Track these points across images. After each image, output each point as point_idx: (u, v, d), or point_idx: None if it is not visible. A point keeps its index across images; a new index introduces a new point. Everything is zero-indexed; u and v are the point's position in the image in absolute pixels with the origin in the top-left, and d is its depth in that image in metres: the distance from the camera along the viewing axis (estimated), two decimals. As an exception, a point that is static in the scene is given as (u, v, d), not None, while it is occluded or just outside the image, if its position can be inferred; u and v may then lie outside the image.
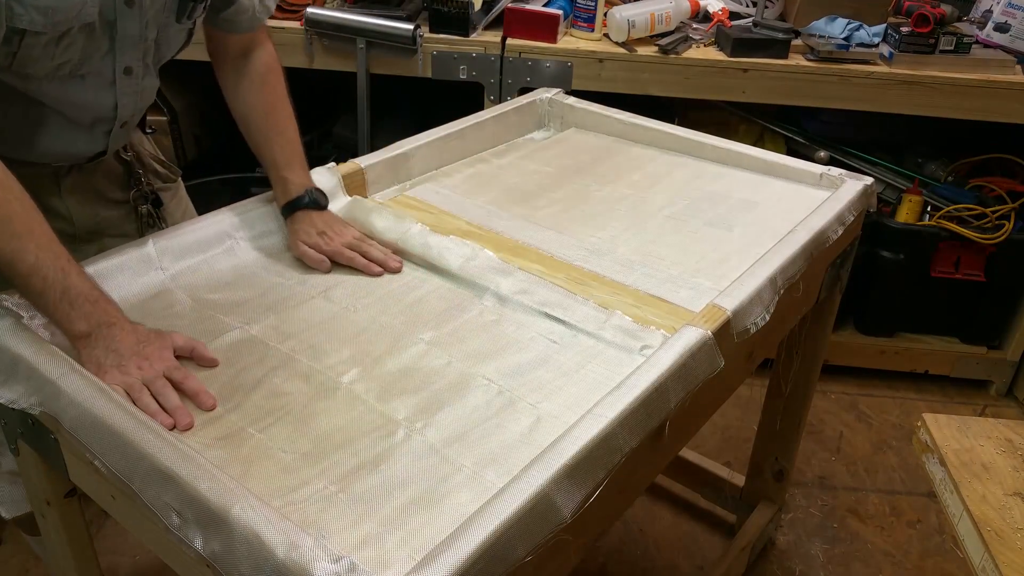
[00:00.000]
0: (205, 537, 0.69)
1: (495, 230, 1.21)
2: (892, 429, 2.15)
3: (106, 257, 1.01)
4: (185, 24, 1.04)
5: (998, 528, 0.96)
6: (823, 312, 1.44)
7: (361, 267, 1.09)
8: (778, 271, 1.06)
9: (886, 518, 1.88)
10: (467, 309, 1.04)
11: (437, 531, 0.71)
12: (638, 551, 1.76)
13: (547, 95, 1.60)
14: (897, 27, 1.87)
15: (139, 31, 0.98)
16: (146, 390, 0.84)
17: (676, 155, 1.49)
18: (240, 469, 0.77)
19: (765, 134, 2.12)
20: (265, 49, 1.17)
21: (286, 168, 1.12)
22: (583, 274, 1.11)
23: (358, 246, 1.11)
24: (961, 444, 1.09)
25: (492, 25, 1.90)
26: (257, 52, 1.16)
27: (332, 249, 1.09)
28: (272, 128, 1.13)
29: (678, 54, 1.85)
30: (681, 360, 0.88)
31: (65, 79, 0.96)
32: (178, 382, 0.86)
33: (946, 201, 2.07)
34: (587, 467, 0.75)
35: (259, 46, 1.17)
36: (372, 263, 1.09)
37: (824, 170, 1.36)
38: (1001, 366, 2.26)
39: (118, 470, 0.76)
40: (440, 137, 1.40)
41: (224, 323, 0.98)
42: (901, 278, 2.15)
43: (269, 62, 1.16)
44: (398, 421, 0.84)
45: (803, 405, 1.58)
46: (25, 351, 0.85)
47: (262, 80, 1.15)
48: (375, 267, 1.09)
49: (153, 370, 0.85)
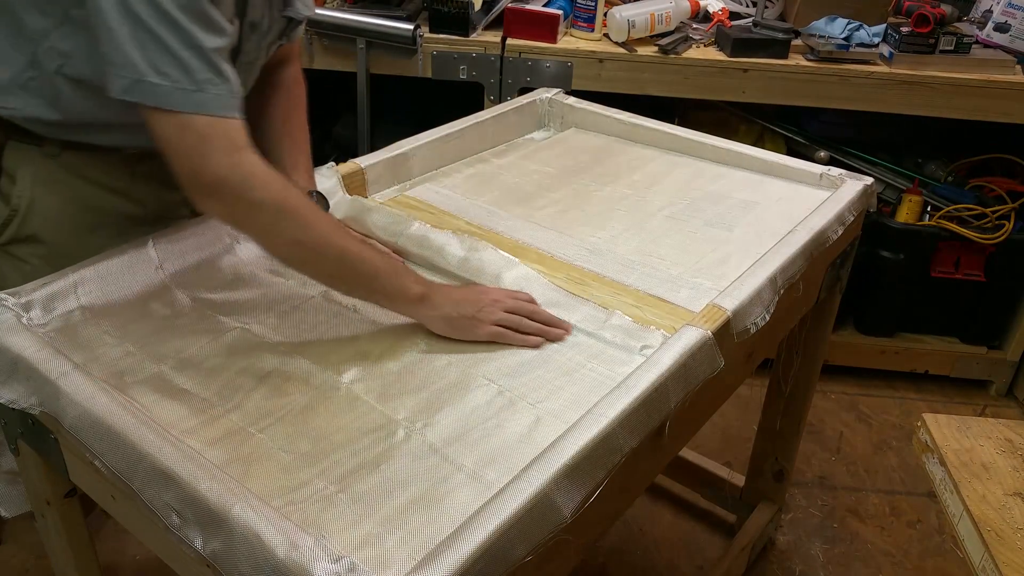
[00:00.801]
0: (205, 537, 0.69)
1: (495, 230, 1.21)
2: (892, 429, 2.15)
3: (106, 257, 1.02)
4: (281, 43, 1.12)
5: (998, 528, 0.96)
6: (823, 312, 1.44)
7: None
8: (778, 271, 1.06)
9: (886, 518, 1.88)
10: (467, 309, 1.04)
11: (437, 531, 0.71)
12: (638, 551, 1.76)
13: (547, 95, 1.60)
14: (897, 27, 1.87)
15: (256, 54, 1.06)
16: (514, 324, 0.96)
17: (676, 155, 1.49)
18: (240, 469, 0.77)
19: (765, 134, 2.12)
20: (295, 65, 1.24)
21: (291, 170, 1.14)
22: (583, 274, 1.11)
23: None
24: (961, 444, 1.09)
25: (492, 25, 1.90)
26: (287, 66, 1.22)
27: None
28: (285, 133, 1.17)
29: (678, 54, 1.85)
30: (681, 360, 0.88)
31: None
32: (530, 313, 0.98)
33: (946, 201, 2.07)
34: (587, 467, 0.75)
35: (290, 61, 1.23)
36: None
37: (824, 170, 1.36)
38: (1001, 366, 2.26)
39: (118, 470, 0.76)
40: (440, 137, 1.40)
41: (224, 323, 0.98)
42: (901, 278, 2.15)
43: (296, 75, 1.23)
44: (398, 421, 0.84)
45: (803, 405, 1.58)
46: (25, 351, 0.85)
47: (287, 90, 1.21)
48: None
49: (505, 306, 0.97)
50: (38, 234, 1.06)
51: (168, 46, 0.85)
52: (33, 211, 1.05)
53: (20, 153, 1.04)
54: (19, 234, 1.06)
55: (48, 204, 1.05)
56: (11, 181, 1.04)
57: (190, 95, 0.86)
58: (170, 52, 0.85)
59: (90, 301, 0.99)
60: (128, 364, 0.91)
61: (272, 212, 0.89)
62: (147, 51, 0.84)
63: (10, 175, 1.04)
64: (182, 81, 0.85)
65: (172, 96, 0.85)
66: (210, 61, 0.87)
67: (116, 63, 0.85)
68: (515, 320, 0.97)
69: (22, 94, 0.99)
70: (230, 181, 0.87)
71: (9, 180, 1.04)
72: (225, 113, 0.88)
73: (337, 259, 0.92)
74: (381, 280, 0.94)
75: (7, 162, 1.04)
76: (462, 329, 0.96)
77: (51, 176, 1.05)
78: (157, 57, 0.85)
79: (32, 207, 1.05)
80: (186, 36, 0.85)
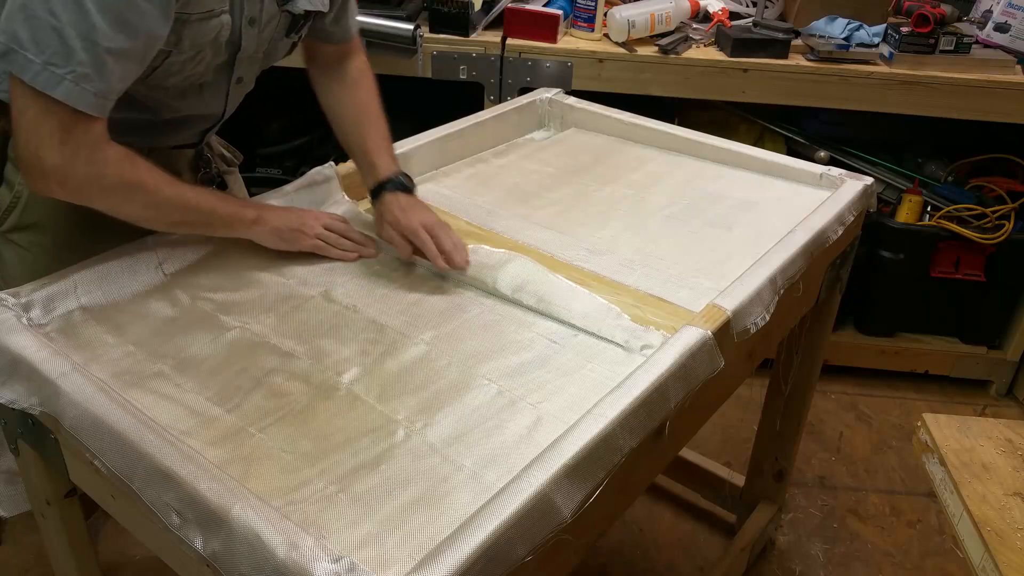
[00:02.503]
0: (205, 537, 0.69)
1: (495, 230, 1.21)
2: (892, 429, 2.15)
3: (106, 257, 1.02)
4: (292, 38, 1.13)
5: (998, 528, 0.96)
6: (823, 312, 1.44)
7: (430, 255, 1.08)
8: (778, 271, 1.06)
9: (886, 518, 1.88)
10: (467, 309, 1.04)
11: (437, 531, 0.71)
12: (638, 551, 1.76)
13: (547, 95, 1.60)
14: (897, 27, 1.87)
15: (256, 47, 1.06)
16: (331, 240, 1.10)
17: (676, 155, 1.49)
18: (240, 469, 0.77)
19: (765, 134, 2.12)
20: (358, 58, 1.25)
21: (375, 154, 1.17)
22: (583, 274, 1.11)
23: (433, 231, 1.09)
24: (961, 444, 1.09)
25: (492, 25, 1.90)
26: (350, 60, 1.24)
27: (410, 225, 1.09)
28: (364, 121, 1.21)
29: (678, 54, 1.85)
30: (681, 360, 0.88)
31: (186, 89, 1.05)
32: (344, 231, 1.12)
33: (946, 201, 2.07)
34: (587, 467, 0.75)
35: (352, 56, 1.24)
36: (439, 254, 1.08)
37: (824, 170, 1.36)
38: (1001, 366, 2.26)
39: (118, 470, 0.76)
40: (440, 137, 1.40)
41: (224, 323, 0.98)
42: (901, 278, 2.15)
43: (362, 68, 1.25)
44: (398, 421, 0.84)
45: (803, 405, 1.58)
46: (25, 351, 0.85)
47: (355, 83, 1.23)
48: (441, 261, 1.07)
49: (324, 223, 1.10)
50: (40, 223, 1.07)
51: (61, 29, 0.83)
52: (35, 200, 1.06)
53: None
54: (21, 222, 1.07)
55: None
56: (15, 169, 1.05)
57: (62, 81, 0.84)
58: (60, 35, 0.83)
59: (90, 301, 0.99)
60: (128, 364, 0.91)
61: (123, 192, 0.94)
62: (36, 24, 0.82)
63: (14, 163, 1.05)
64: (59, 65, 0.84)
65: (42, 75, 0.84)
66: (96, 57, 0.85)
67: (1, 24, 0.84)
68: (333, 237, 1.10)
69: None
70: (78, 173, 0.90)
71: (13, 167, 1.05)
72: (91, 112, 0.88)
73: (179, 208, 0.99)
74: (219, 213, 1.03)
75: (11, 150, 1.05)
76: (288, 240, 1.08)
77: None
78: (45, 34, 0.83)
79: (34, 196, 1.05)
80: (85, 25, 0.83)
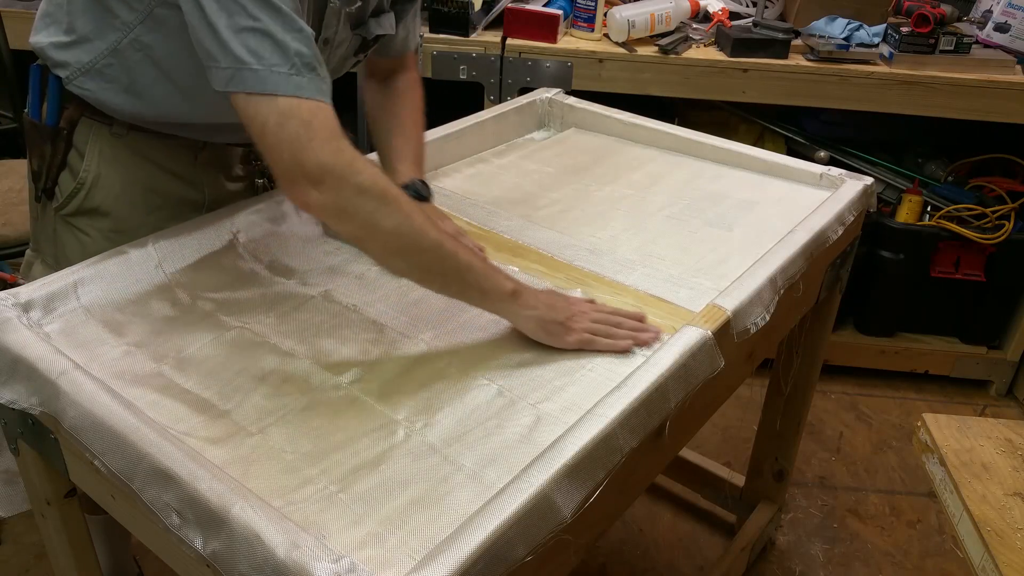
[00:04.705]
0: (205, 537, 0.69)
1: (495, 230, 1.21)
2: (892, 429, 2.15)
3: (107, 257, 1.02)
4: (358, 57, 1.13)
5: (998, 528, 0.96)
6: (823, 312, 1.44)
7: None
8: (778, 271, 1.06)
9: (886, 518, 1.88)
10: (467, 309, 1.04)
11: (437, 531, 0.71)
12: (638, 551, 1.76)
13: (547, 95, 1.60)
14: (897, 27, 1.87)
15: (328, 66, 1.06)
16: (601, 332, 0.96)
17: (676, 155, 1.49)
18: (240, 469, 0.77)
19: (765, 134, 2.12)
20: (411, 74, 1.25)
21: (397, 159, 1.17)
22: (583, 274, 1.11)
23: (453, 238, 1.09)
24: (961, 444, 1.09)
25: (492, 25, 1.90)
26: (402, 73, 1.24)
27: None
28: (395, 129, 1.20)
29: (678, 54, 1.85)
30: (681, 360, 0.88)
31: None
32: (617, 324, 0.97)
33: (946, 201, 2.07)
34: (587, 467, 0.75)
35: (406, 71, 1.25)
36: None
37: (824, 170, 1.36)
38: (1001, 366, 2.26)
39: (118, 470, 0.76)
40: (440, 137, 1.40)
41: (224, 323, 0.98)
42: (901, 278, 2.15)
43: (410, 82, 1.25)
44: (398, 421, 0.84)
45: (803, 405, 1.58)
46: (25, 351, 0.85)
47: (399, 94, 1.23)
48: None
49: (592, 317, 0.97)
50: (101, 207, 1.09)
51: (268, 31, 0.83)
52: (98, 186, 1.07)
53: (90, 130, 1.06)
54: (83, 207, 1.08)
55: (112, 181, 1.08)
56: (79, 156, 1.07)
57: (289, 78, 0.84)
58: (270, 37, 0.83)
59: (90, 301, 0.99)
60: (128, 364, 0.91)
61: (376, 198, 0.86)
62: (244, 38, 0.83)
63: (79, 150, 1.07)
64: (281, 65, 0.83)
65: (270, 79, 0.83)
66: (310, 46, 0.86)
67: (216, 56, 0.84)
68: (604, 329, 0.96)
69: (99, 79, 1.01)
70: (336, 167, 0.84)
71: (78, 155, 1.07)
72: (324, 99, 0.86)
73: (434, 251, 0.89)
74: (475, 274, 0.92)
75: (78, 138, 1.06)
76: (553, 334, 0.95)
77: (117, 155, 1.07)
78: (256, 43, 0.83)
79: (97, 182, 1.07)
80: (288, 20, 0.84)
